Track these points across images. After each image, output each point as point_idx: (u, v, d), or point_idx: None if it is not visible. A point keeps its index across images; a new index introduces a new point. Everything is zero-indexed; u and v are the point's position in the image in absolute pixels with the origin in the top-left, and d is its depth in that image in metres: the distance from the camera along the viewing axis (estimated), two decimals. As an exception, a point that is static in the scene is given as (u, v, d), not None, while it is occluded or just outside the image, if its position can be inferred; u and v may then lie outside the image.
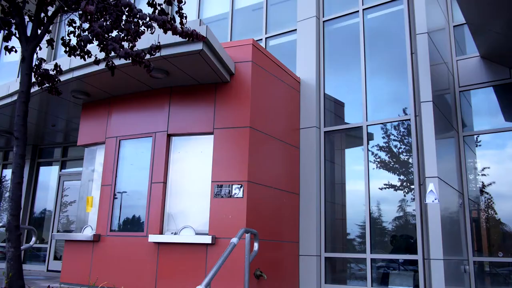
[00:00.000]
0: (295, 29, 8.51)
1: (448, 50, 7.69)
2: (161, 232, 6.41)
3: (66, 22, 5.38)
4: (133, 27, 4.50)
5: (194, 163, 6.64)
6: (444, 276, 5.52)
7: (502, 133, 7.19)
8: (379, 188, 7.19)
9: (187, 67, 6.29)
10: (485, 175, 7.22)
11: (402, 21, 7.49)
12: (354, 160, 7.69)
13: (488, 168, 7.21)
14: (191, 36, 4.79)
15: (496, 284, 6.78)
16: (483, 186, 7.21)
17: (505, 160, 7.11)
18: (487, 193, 7.15)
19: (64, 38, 5.37)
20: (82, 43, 4.88)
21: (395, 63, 7.53)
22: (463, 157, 7.32)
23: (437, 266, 5.61)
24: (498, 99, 7.41)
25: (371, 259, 6.93)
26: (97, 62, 5.21)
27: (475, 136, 7.44)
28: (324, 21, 8.36)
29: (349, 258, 7.35)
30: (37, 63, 5.45)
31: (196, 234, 6.20)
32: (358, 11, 8.04)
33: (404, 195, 7.03)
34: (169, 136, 6.81)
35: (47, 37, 5.33)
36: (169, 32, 4.66)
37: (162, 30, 4.57)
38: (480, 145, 7.41)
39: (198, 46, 5.76)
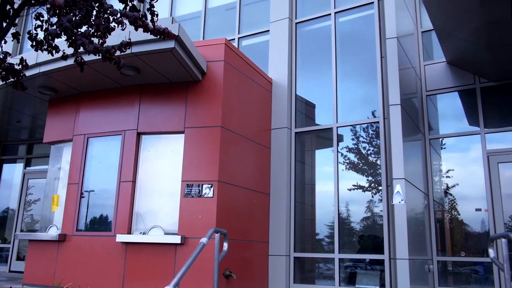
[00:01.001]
0: (268, 30, 8.54)
1: (416, 55, 7.89)
2: (129, 232, 6.31)
3: (33, 15, 5.23)
4: (103, 22, 4.41)
5: (164, 162, 6.57)
6: (409, 275, 5.66)
7: (466, 137, 7.43)
8: (348, 189, 7.31)
9: (159, 65, 6.22)
10: (449, 177, 7.45)
11: (373, 25, 7.64)
12: (324, 161, 7.78)
13: (452, 170, 7.44)
14: (163, 34, 4.74)
15: (458, 283, 7.00)
16: (447, 188, 7.43)
17: (468, 163, 7.35)
18: (451, 195, 7.37)
19: (31, 32, 5.21)
20: (50, 38, 4.75)
21: (366, 66, 7.67)
22: (429, 159, 7.52)
23: (402, 265, 5.74)
24: (463, 104, 7.66)
25: (339, 258, 7.03)
26: (64, 57, 5.08)
27: (441, 139, 7.66)
28: (296, 23, 8.43)
29: (317, 258, 7.43)
30: (1, 56, 5.28)
31: (165, 234, 6.14)
32: (330, 14, 8.15)
33: (372, 196, 7.17)
34: (139, 134, 6.72)
35: (12, 30, 5.17)
36: (140, 30, 4.59)
37: (133, 27, 4.51)
38: (445, 148, 7.63)
39: (170, 44, 5.70)
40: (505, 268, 4.33)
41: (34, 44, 5.19)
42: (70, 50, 5.04)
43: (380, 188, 7.04)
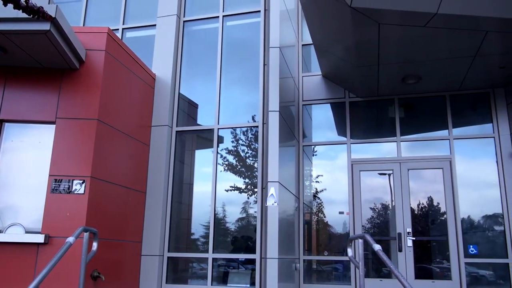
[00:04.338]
0: (155, 24, 8.33)
1: (296, 66, 8.37)
2: (-18, 230, 5.63)
3: None
4: (-36, -8, 3.89)
5: (31, 154, 6.00)
6: (278, 274, 5.96)
7: (334, 146, 8.09)
8: (225, 190, 7.45)
9: (30, 48, 5.67)
10: (318, 182, 8.03)
11: (258, 33, 7.91)
12: (204, 161, 7.83)
13: (322, 176, 8.04)
14: (37, 13, 4.33)
15: (320, 280, 7.58)
16: (316, 192, 8.01)
17: (335, 170, 8.01)
18: (319, 198, 7.96)
19: None
20: None
21: (250, 72, 7.90)
22: (301, 165, 8.03)
23: (272, 264, 6.02)
24: (334, 115, 8.33)
25: (213, 258, 7.12)
26: None
27: (313, 147, 8.23)
28: (185, 21, 8.36)
29: (192, 257, 7.43)
30: None
31: (27, 232, 5.61)
32: (218, 16, 8.24)
33: (248, 198, 7.41)
34: (1, 121, 6.05)
35: None
36: (11, 6, 4.14)
37: (1, 1, 4.04)
38: (316, 155, 8.21)
39: (45, 26, 5.24)
40: (360, 266, 4.80)
41: None
42: None
43: (256, 190, 7.30)
